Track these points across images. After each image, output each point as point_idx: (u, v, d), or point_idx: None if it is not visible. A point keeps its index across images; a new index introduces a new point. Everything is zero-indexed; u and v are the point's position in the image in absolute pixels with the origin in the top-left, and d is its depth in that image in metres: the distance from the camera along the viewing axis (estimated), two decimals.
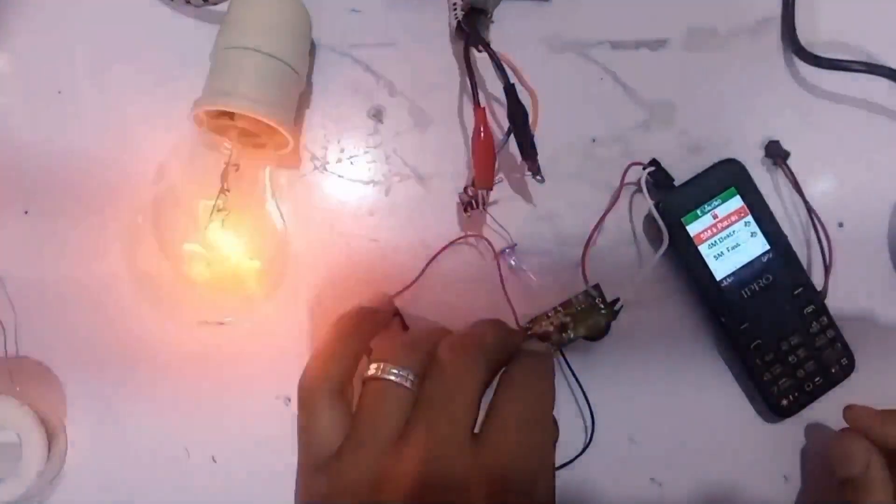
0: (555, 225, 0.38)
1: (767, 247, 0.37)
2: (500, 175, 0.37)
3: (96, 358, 0.37)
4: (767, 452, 0.38)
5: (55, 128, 0.38)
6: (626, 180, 0.38)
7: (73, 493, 0.37)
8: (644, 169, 0.37)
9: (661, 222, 0.36)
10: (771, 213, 0.37)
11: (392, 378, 0.28)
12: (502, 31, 0.39)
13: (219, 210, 0.34)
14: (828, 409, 0.37)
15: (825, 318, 0.37)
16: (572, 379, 0.37)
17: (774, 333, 0.36)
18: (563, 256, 0.38)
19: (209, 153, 0.36)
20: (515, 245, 0.37)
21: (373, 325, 0.32)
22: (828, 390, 0.37)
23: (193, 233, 0.35)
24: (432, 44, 0.39)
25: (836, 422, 0.37)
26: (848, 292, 0.38)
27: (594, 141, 0.39)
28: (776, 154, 0.38)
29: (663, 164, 0.38)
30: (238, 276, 0.36)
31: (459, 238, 0.38)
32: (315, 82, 0.39)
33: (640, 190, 0.38)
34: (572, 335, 0.34)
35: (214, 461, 0.37)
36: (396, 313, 0.35)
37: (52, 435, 0.35)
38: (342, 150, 0.39)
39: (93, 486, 0.37)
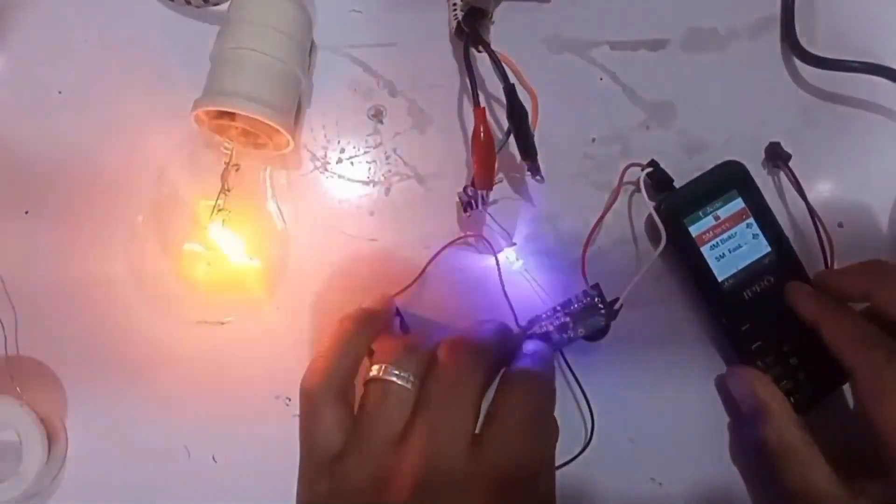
0: (555, 225, 0.38)
1: (769, 248, 0.37)
2: (500, 175, 0.37)
3: (96, 358, 0.37)
4: None
5: (55, 128, 0.38)
6: (625, 180, 0.38)
7: (73, 493, 0.37)
8: (642, 170, 0.37)
9: (660, 224, 0.36)
10: (772, 215, 0.37)
11: (393, 379, 0.28)
12: (502, 31, 0.39)
13: (219, 210, 0.34)
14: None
15: None
16: (572, 379, 0.37)
17: (776, 335, 0.36)
18: (563, 256, 0.38)
19: (209, 153, 0.36)
20: (515, 245, 0.37)
21: (374, 326, 0.32)
22: (829, 392, 0.37)
23: (193, 233, 0.35)
24: (432, 44, 0.39)
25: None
26: None
27: (594, 141, 0.39)
28: (777, 155, 0.38)
29: (663, 165, 0.38)
30: (238, 276, 0.36)
31: (459, 238, 0.38)
32: (315, 82, 0.39)
33: (639, 190, 0.38)
34: (572, 335, 0.35)
35: (214, 461, 0.37)
36: (397, 313, 0.35)
37: (52, 435, 0.35)
38: (342, 150, 0.39)
39: (93, 486, 0.37)
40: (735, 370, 0.36)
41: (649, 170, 0.37)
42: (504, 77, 0.34)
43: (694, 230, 0.36)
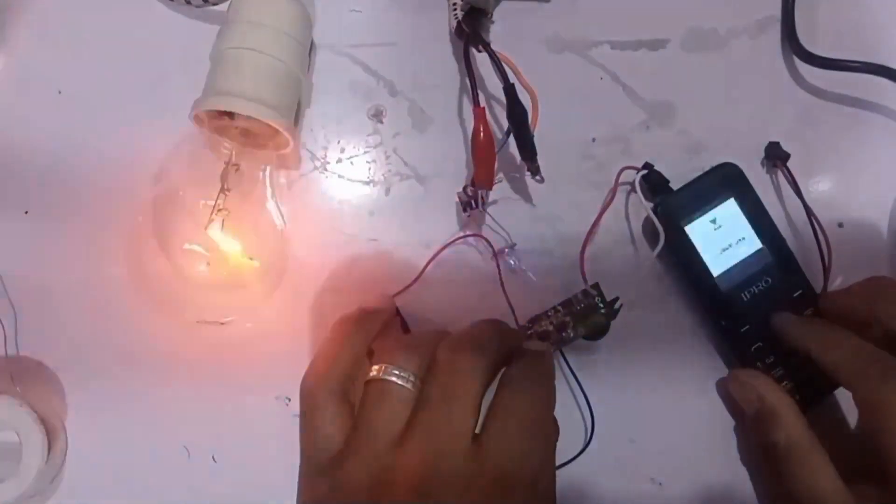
0: (554, 225, 0.38)
1: (766, 250, 0.36)
2: (500, 175, 0.37)
3: (96, 358, 0.37)
4: None
5: (55, 128, 0.38)
6: (622, 181, 0.38)
7: (73, 493, 0.37)
8: (637, 173, 0.37)
9: (658, 225, 0.36)
10: (769, 217, 0.37)
11: (393, 379, 0.28)
12: (502, 31, 0.39)
13: (219, 210, 0.34)
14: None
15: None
16: (572, 379, 0.37)
17: (775, 336, 0.36)
18: (563, 256, 0.38)
19: (209, 153, 0.36)
20: (515, 245, 0.37)
21: (374, 325, 0.32)
22: (829, 392, 0.37)
23: (193, 233, 0.35)
24: (432, 44, 0.39)
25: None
26: None
27: (594, 141, 0.39)
28: (776, 156, 0.38)
29: (663, 164, 0.38)
30: (238, 276, 0.36)
31: (459, 238, 0.38)
32: (315, 82, 0.39)
33: (635, 191, 0.37)
34: (572, 334, 0.35)
35: (214, 461, 0.37)
36: (397, 313, 0.36)
37: (52, 435, 0.35)
38: (342, 150, 0.39)
39: (93, 486, 0.37)
40: (738, 373, 0.36)
41: (643, 173, 0.37)
42: (504, 77, 0.34)
43: (690, 232, 0.36)
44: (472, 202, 0.36)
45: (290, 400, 0.37)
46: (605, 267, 0.38)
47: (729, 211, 0.37)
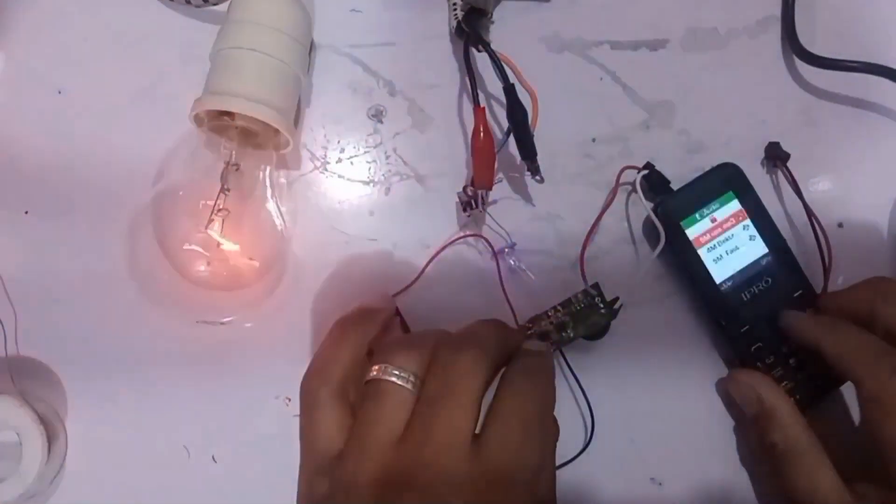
0: (554, 225, 0.38)
1: (766, 250, 0.37)
2: (500, 175, 0.37)
3: (96, 358, 0.37)
4: None
5: (55, 128, 0.38)
6: (622, 181, 0.38)
7: (73, 493, 0.37)
8: (638, 173, 0.37)
9: (659, 225, 0.36)
10: (769, 217, 0.37)
11: (393, 379, 0.28)
12: (502, 31, 0.39)
13: (219, 210, 0.34)
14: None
15: None
16: (572, 379, 0.37)
17: (775, 336, 0.36)
18: (562, 256, 0.38)
19: (209, 153, 0.36)
20: (515, 245, 0.37)
21: (373, 325, 0.32)
22: (830, 392, 0.37)
23: (193, 233, 0.35)
24: (432, 44, 0.39)
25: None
26: None
27: (594, 141, 0.39)
28: (776, 156, 0.38)
29: (664, 164, 0.38)
30: (238, 276, 0.36)
31: (459, 238, 0.38)
32: (315, 82, 0.39)
33: (636, 191, 0.38)
34: (572, 334, 0.35)
35: (214, 461, 0.37)
36: (397, 313, 0.36)
37: (52, 435, 0.35)
38: (342, 150, 0.39)
39: (93, 486, 0.37)
40: (737, 373, 0.36)
41: (644, 172, 0.37)
42: (504, 77, 0.34)
43: (691, 233, 0.36)
44: (472, 202, 0.36)
45: (290, 400, 0.37)
46: (605, 267, 0.38)
47: (729, 211, 0.37)
